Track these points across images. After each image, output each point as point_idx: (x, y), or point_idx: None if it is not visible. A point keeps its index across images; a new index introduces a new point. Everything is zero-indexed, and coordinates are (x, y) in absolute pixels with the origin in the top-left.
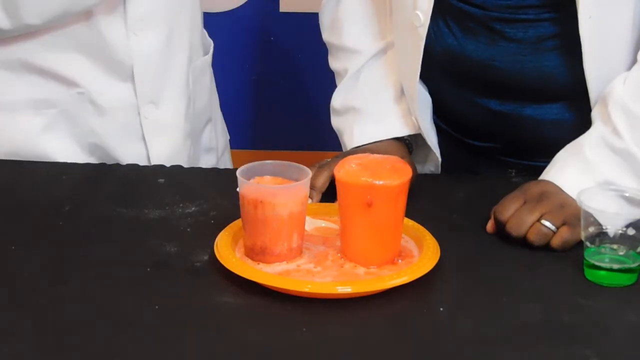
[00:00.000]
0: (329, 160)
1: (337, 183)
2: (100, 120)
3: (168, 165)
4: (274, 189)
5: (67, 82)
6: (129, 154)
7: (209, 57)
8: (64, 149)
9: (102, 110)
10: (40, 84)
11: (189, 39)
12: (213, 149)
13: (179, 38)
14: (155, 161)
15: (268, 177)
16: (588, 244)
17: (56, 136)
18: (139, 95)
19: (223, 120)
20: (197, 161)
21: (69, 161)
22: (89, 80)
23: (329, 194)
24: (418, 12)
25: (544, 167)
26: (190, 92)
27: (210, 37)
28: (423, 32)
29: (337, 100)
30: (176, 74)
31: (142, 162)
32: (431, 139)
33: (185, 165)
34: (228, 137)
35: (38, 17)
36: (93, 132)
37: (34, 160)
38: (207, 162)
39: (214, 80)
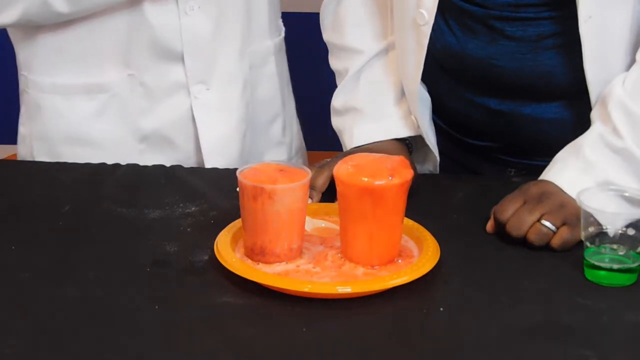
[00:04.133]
0: (329, 160)
1: (337, 183)
2: (151, 103)
3: (222, 149)
4: (274, 182)
5: (117, 64)
6: (180, 136)
7: (271, 45)
8: (114, 134)
9: (152, 92)
10: (91, 68)
11: (241, 21)
12: (284, 144)
13: (230, 19)
14: (205, 143)
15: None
16: (588, 244)
17: (107, 121)
18: (189, 75)
19: (299, 124)
20: (262, 154)
21: (119, 147)
22: (139, 61)
23: (329, 194)
24: (422, 11)
25: (543, 166)
26: (246, 75)
27: None
28: (427, 30)
29: (338, 100)
30: (228, 56)
31: (193, 144)
32: (430, 138)
33: (239, 153)
34: (303, 143)
35: (97, 4)
36: (144, 115)
37: (85, 145)
38: (276, 155)
39: (287, 77)
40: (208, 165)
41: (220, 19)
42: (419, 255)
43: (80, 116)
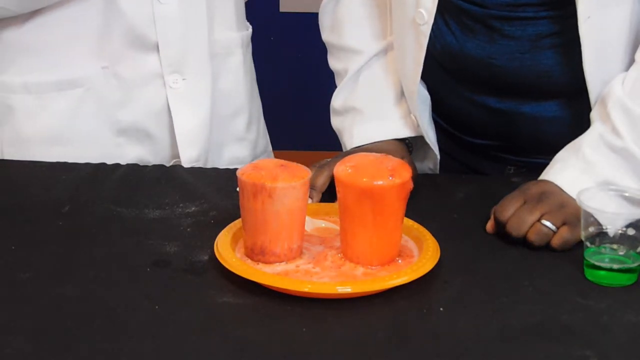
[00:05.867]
0: (329, 160)
1: (337, 183)
2: (126, 94)
3: (195, 140)
4: (275, 179)
5: (90, 57)
6: (156, 127)
7: (237, 37)
8: (92, 129)
9: (127, 84)
10: (63, 63)
11: (206, 8)
12: (248, 140)
13: (197, 6)
14: (180, 134)
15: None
16: (588, 244)
17: (84, 116)
18: (163, 64)
19: (265, 127)
20: (221, 148)
21: (97, 141)
22: (113, 53)
23: (329, 194)
24: (422, 10)
25: (542, 164)
26: (212, 65)
27: None
28: (427, 29)
29: (337, 100)
30: (199, 44)
31: (168, 135)
32: (429, 136)
33: (206, 146)
34: (270, 146)
35: None
36: (120, 108)
37: (61, 144)
38: (238, 151)
39: (253, 75)
40: (182, 156)
41: (190, 6)
42: (419, 255)
43: (55, 114)
